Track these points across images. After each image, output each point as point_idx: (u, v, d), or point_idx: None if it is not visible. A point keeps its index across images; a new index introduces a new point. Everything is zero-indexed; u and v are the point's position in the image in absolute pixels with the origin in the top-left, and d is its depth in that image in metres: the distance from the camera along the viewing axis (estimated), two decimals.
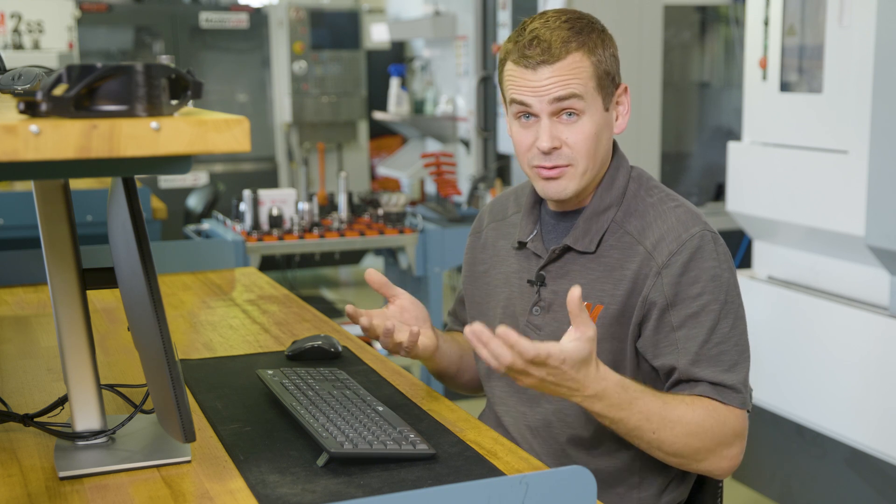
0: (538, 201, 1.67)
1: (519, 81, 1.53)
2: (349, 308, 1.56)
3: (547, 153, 1.52)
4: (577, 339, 1.32)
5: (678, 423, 1.45)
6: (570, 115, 1.52)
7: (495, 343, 1.28)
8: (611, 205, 1.59)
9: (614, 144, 1.64)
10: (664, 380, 1.55)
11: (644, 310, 1.52)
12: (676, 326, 1.51)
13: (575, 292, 1.31)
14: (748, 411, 1.53)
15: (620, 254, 1.55)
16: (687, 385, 1.51)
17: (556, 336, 1.56)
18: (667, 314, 1.51)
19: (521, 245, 1.66)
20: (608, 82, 1.54)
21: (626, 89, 1.59)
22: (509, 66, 1.54)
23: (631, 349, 1.55)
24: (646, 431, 1.44)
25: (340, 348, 1.84)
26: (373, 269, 1.57)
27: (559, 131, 1.52)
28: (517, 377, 1.34)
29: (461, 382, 1.80)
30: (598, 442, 1.58)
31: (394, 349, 1.58)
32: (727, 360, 1.50)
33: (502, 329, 1.28)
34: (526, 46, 1.51)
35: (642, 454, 1.56)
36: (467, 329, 1.30)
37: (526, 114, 1.54)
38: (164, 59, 1.06)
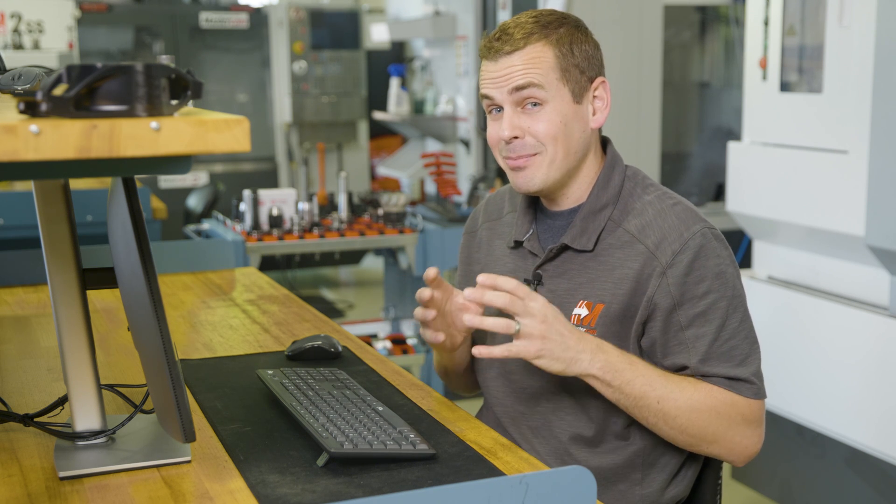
0: (534, 200, 1.68)
1: (484, 75, 1.57)
2: (432, 272, 1.49)
3: (508, 142, 1.55)
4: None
5: (681, 394, 1.48)
6: (533, 104, 1.53)
7: (488, 294, 1.40)
8: (607, 203, 1.59)
9: (607, 142, 1.65)
10: None
11: (649, 310, 1.52)
12: (685, 326, 1.52)
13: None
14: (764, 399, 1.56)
15: (621, 253, 1.55)
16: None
17: None
18: (674, 314, 1.51)
19: (518, 244, 1.66)
20: (576, 75, 1.55)
21: (603, 83, 1.59)
22: (482, 62, 1.58)
23: (634, 347, 1.55)
24: (651, 400, 1.47)
25: (340, 348, 1.84)
26: (434, 269, 1.50)
27: (522, 121, 1.54)
28: (526, 334, 1.40)
29: (464, 382, 1.79)
30: (601, 440, 1.58)
31: (431, 328, 1.54)
32: (738, 354, 1.52)
33: (482, 275, 1.42)
34: (492, 40, 1.55)
35: (645, 450, 1.57)
36: (460, 301, 1.48)
37: (496, 107, 1.57)
38: (164, 59, 1.06)
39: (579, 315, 1.56)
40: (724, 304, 1.51)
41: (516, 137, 1.54)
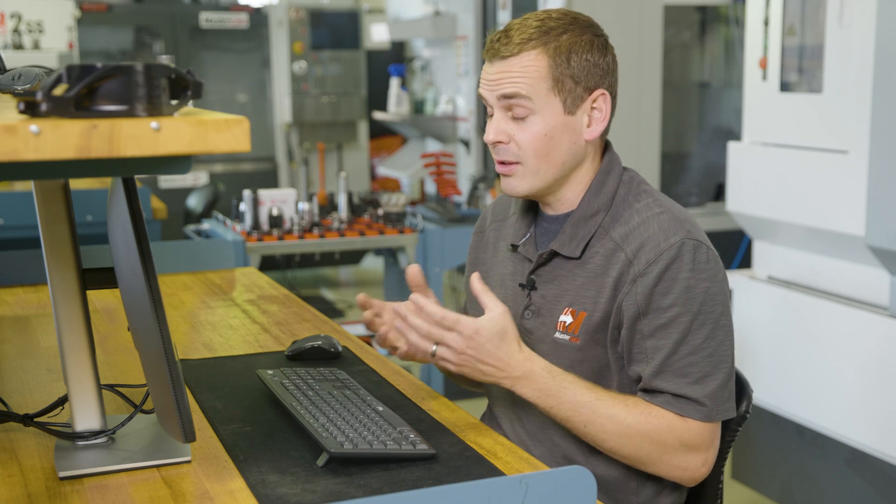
0: (533, 204, 1.66)
1: (482, 74, 1.56)
2: (360, 297, 1.64)
3: (493, 146, 1.54)
4: (488, 315, 1.44)
5: (609, 420, 1.46)
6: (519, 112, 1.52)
7: (411, 317, 1.44)
8: (598, 210, 1.56)
9: (608, 146, 1.61)
10: (633, 386, 1.54)
11: (619, 316, 1.51)
12: (647, 335, 1.49)
13: (474, 277, 1.49)
14: (744, 417, 1.53)
15: (604, 260, 1.53)
16: (649, 395, 1.49)
17: (546, 340, 1.56)
18: (638, 323, 1.49)
19: (514, 248, 1.65)
20: (570, 86, 1.50)
21: (603, 95, 1.54)
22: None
23: (613, 355, 1.53)
24: (576, 423, 1.47)
25: (340, 348, 1.84)
26: (417, 267, 1.59)
27: (509, 127, 1.53)
28: (442, 357, 1.45)
29: (465, 379, 1.78)
30: (596, 448, 1.57)
31: (390, 350, 1.61)
32: (695, 372, 1.47)
33: (413, 296, 1.45)
34: (494, 39, 1.53)
35: None
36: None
37: (491, 106, 1.56)
38: (164, 59, 1.06)
39: (564, 322, 1.55)
40: (687, 319, 1.46)
41: (500, 142, 1.53)
